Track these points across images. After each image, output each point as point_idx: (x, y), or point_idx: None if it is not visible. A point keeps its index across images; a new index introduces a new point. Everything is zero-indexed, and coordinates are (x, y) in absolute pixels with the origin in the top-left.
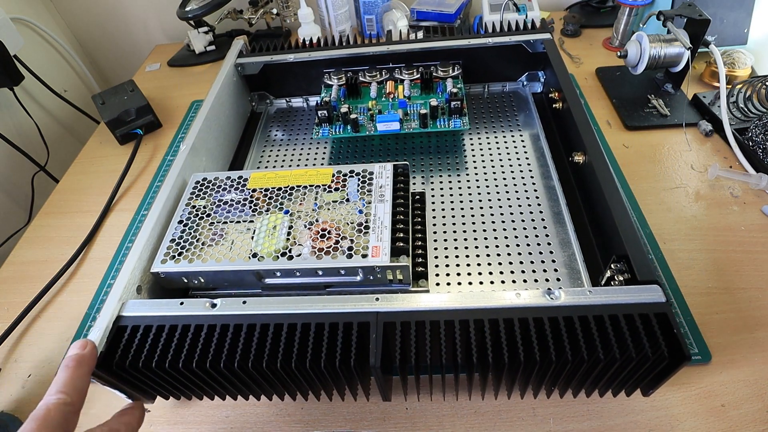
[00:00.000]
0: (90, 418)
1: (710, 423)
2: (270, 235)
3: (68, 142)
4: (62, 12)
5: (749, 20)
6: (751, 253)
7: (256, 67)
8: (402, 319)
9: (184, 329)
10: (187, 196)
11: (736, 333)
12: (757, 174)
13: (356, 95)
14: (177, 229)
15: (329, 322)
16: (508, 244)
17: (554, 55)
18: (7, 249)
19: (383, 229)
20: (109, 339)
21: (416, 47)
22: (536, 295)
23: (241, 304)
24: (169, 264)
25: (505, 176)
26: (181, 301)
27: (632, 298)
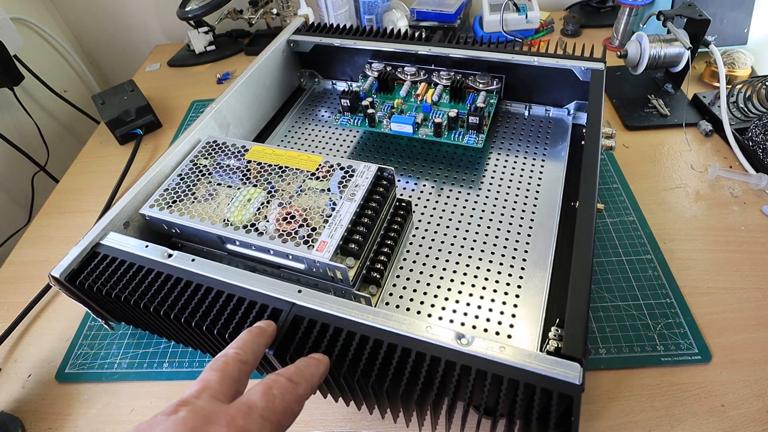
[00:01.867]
0: (89, 418)
1: (710, 423)
2: (243, 207)
3: (68, 142)
4: (62, 12)
5: (749, 20)
6: (751, 253)
7: (307, 46)
8: (311, 317)
9: (139, 269)
10: (193, 154)
11: (736, 333)
12: (757, 174)
13: (387, 90)
14: (174, 180)
15: (249, 300)
16: (477, 275)
17: (596, 87)
18: (7, 249)
19: (338, 227)
20: (84, 259)
21: (461, 54)
22: (448, 335)
23: (190, 261)
24: (155, 210)
25: (506, 204)
26: (147, 245)
27: (546, 369)
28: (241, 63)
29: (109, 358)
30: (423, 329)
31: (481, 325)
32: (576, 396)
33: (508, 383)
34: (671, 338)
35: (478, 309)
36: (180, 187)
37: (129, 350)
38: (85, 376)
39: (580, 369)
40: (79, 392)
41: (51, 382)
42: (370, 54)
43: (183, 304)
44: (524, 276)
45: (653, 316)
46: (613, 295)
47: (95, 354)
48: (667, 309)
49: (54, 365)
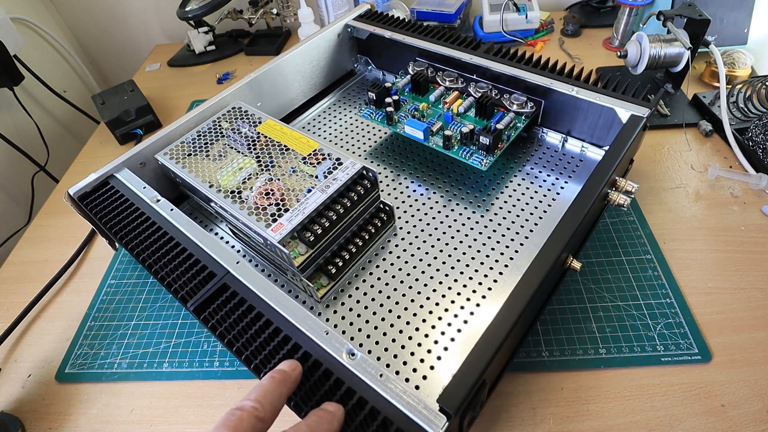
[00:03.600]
0: (89, 418)
1: (710, 423)
2: (233, 174)
3: (68, 142)
4: (62, 12)
5: (749, 20)
6: (751, 253)
7: (364, 33)
8: (236, 289)
9: (130, 205)
10: (218, 115)
11: (736, 333)
12: (757, 174)
13: (420, 92)
14: (193, 135)
15: (196, 257)
16: (437, 301)
17: (627, 132)
18: (7, 249)
19: (300, 214)
20: (96, 186)
21: (502, 69)
22: (340, 347)
23: (169, 210)
24: (166, 158)
25: (494, 236)
26: (144, 186)
27: (412, 411)
28: (241, 63)
29: (109, 358)
30: (321, 334)
31: (408, 350)
32: None
33: (369, 411)
34: (671, 338)
35: (416, 331)
36: (196, 142)
37: (129, 350)
38: (85, 376)
39: (444, 424)
40: (79, 392)
41: (51, 382)
42: (417, 52)
43: (146, 246)
44: (475, 312)
45: (653, 316)
46: (613, 295)
47: (95, 354)
48: (667, 309)
49: (54, 365)
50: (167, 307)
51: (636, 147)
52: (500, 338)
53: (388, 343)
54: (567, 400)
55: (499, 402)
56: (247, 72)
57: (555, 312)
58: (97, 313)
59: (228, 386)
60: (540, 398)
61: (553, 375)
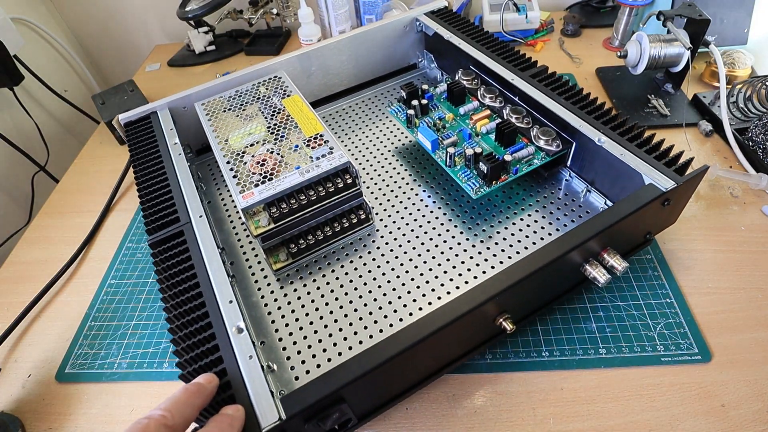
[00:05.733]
0: (89, 418)
1: (710, 423)
2: (242, 137)
3: (68, 142)
4: (62, 12)
5: (749, 20)
6: (751, 253)
7: (430, 30)
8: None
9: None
10: (260, 80)
11: (736, 333)
12: (757, 174)
13: (454, 101)
14: (231, 93)
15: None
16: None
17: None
18: (7, 249)
19: (272, 189)
20: (140, 117)
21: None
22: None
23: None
24: (200, 108)
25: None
26: (171, 127)
27: (258, 396)
28: (241, 63)
29: (109, 358)
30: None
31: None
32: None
33: (225, 383)
34: (671, 338)
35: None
36: (233, 100)
37: (129, 350)
38: (85, 376)
39: (274, 422)
40: (79, 392)
41: (51, 382)
42: (471, 60)
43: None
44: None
45: (653, 316)
46: (613, 295)
47: (95, 354)
48: (667, 309)
49: (54, 365)
50: None
51: (651, 220)
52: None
53: (310, 334)
54: (567, 400)
55: (499, 402)
56: None
57: (555, 312)
58: (97, 313)
59: None
60: (540, 398)
61: (553, 375)
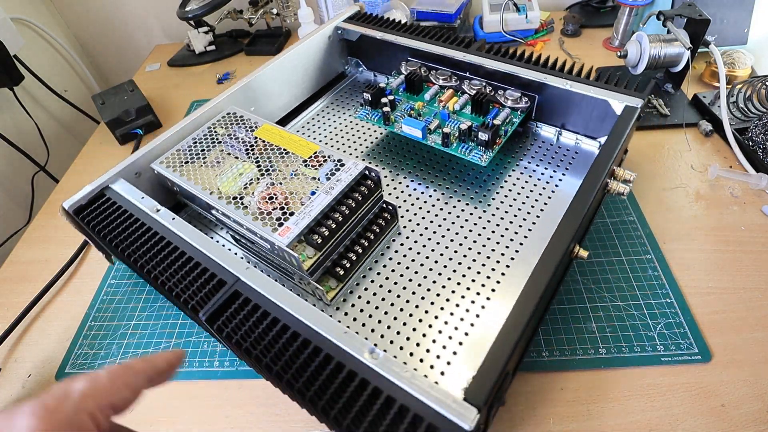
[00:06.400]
0: None
1: (710, 423)
2: (233, 179)
3: (68, 142)
4: (62, 12)
5: (749, 20)
6: (751, 253)
7: (354, 35)
8: (248, 295)
9: (129, 216)
10: (212, 122)
11: (736, 333)
12: (757, 174)
13: (414, 91)
14: (188, 142)
15: (204, 265)
16: (448, 296)
17: (623, 124)
18: (7, 249)
19: (306, 217)
20: (91, 198)
21: (496, 66)
22: (360, 346)
23: (171, 219)
24: (163, 167)
25: (497, 230)
26: (143, 197)
27: (441, 406)
28: (241, 63)
29: (109, 358)
30: (340, 333)
31: (425, 347)
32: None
33: (398, 409)
34: (671, 338)
35: (429, 328)
36: (192, 149)
37: (129, 350)
38: None
39: (475, 416)
40: None
41: (51, 382)
42: (408, 52)
43: (150, 257)
44: (486, 306)
45: (653, 316)
46: (613, 295)
47: (95, 354)
48: (667, 309)
49: (54, 365)
50: (167, 307)
51: (630, 137)
52: (521, 328)
53: (403, 341)
54: (567, 400)
55: None
56: (247, 72)
57: (555, 312)
58: (97, 313)
59: (228, 386)
60: (540, 398)
61: (553, 375)
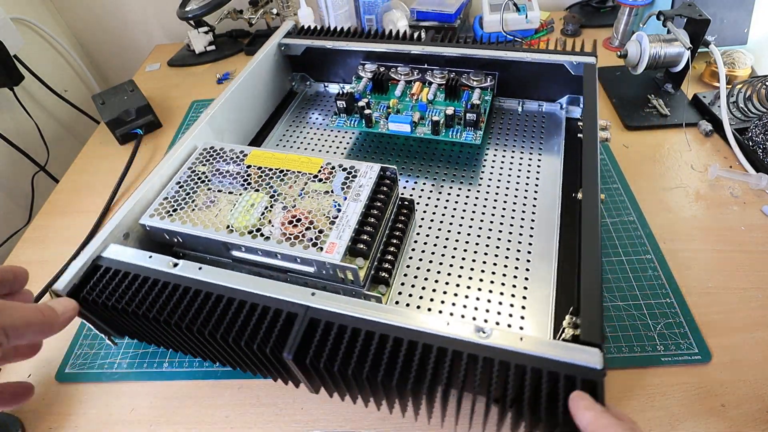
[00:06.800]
0: (89, 418)
1: (710, 423)
2: (246, 212)
3: (68, 142)
4: (62, 12)
5: (749, 20)
6: (751, 253)
7: (299, 49)
8: (328, 319)
9: (144, 280)
10: (191, 161)
11: (736, 333)
12: (757, 174)
13: (382, 91)
14: (173, 188)
15: (262, 305)
16: (483, 269)
17: (590, 80)
18: (7, 249)
19: (346, 228)
20: (85, 273)
21: (454, 52)
22: (467, 329)
23: (197, 269)
24: (155, 219)
25: (507, 199)
26: (150, 255)
27: (567, 356)
28: (241, 63)
29: (109, 358)
30: (443, 325)
31: (491, 320)
32: (599, 381)
33: (531, 373)
34: (671, 338)
35: (488, 303)
36: (179, 195)
37: (129, 350)
38: (85, 376)
39: (600, 354)
40: (79, 392)
41: (51, 382)
42: (362, 55)
43: (194, 314)
44: (530, 268)
45: (653, 316)
46: (613, 295)
47: (95, 354)
48: (667, 309)
49: (54, 365)
50: None
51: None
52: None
53: (468, 319)
54: None
55: None
56: None
57: None
58: None
59: (228, 386)
60: None
61: None
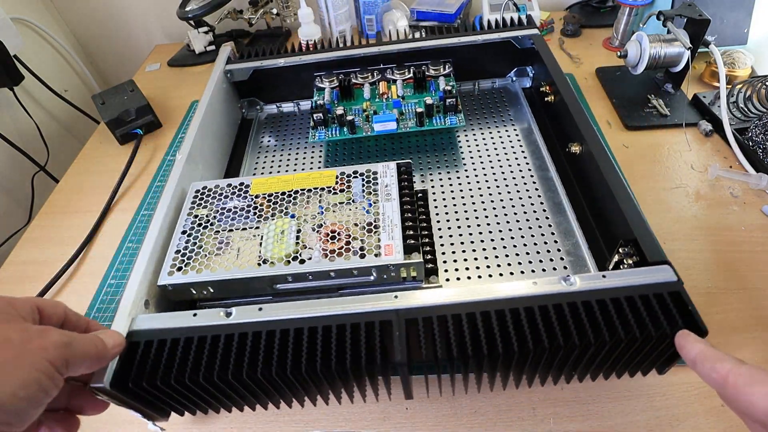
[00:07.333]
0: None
1: (710, 423)
2: (279, 240)
3: (68, 142)
4: (62, 12)
5: (749, 20)
6: (751, 253)
7: (245, 73)
8: (424, 315)
9: (201, 341)
10: (188, 206)
11: (736, 333)
12: (757, 174)
13: (350, 97)
14: (181, 239)
15: (350, 323)
16: (512, 236)
17: (544, 49)
18: (7, 249)
19: (393, 227)
20: (122, 356)
21: (406, 47)
22: (553, 283)
23: (257, 311)
24: (177, 276)
25: (503, 170)
26: (194, 312)
27: (645, 279)
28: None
29: None
30: (530, 286)
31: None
32: (681, 290)
33: (627, 303)
34: None
35: (530, 264)
36: (190, 244)
37: None
38: None
39: (670, 268)
40: None
41: None
42: (315, 67)
43: (280, 356)
44: (552, 224)
45: None
46: None
47: None
48: None
49: None
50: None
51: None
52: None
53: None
54: (567, 400)
55: (499, 402)
56: None
57: None
58: (97, 313)
59: None
60: (540, 398)
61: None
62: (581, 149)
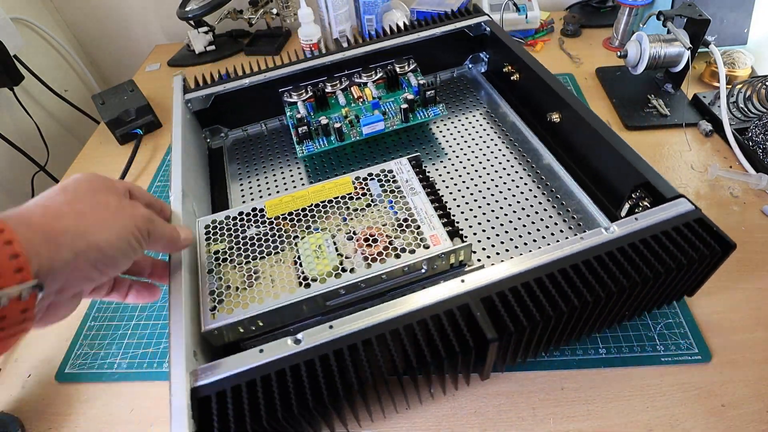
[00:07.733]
0: (89, 418)
1: (710, 423)
2: (319, 256)
3: (68, 142)
4: (62, 12)
5: (749, 20)
6: (751, 253)
7: (206, 101)
8: (497, 290)
9: (279, 374)
10: (203, 244)
11: (736, 333)
12: (757, 174)
13: (325, 106)
14: (211, 280)
15: (430, 316)
16: (515, 210)
17: (499, 32)
18: None
19: (431, 218)
20: (197, 416)
21: (367, 49)
22: (597, 234)
23: (328, 329)
24: (221, 316)
25: (488, 150)
26: (260, 349)
27: (669, 213)
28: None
29: (109, 358)
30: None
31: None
32: (702, 215)
33: (665, 237)
34: (671, 338)
35: (546, 228)
36: (222, 281)
37: (129, 350)
38: (85, 376)
39: (685, 200)
40: (79, 392)
41: (51, 382)
42: (281, 83)
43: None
44: (554, 189)
45: (653, 316)
46: None
47: (95, 354)
48: (667, 309)
49: (54, 365)
50: (167, 307)
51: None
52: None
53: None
54: (567, 400)
55: (499, 402)
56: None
57: None
58: (97, 313)
59: None
60: (540, 398)
61: (553, 375)
62: (561, 116)
